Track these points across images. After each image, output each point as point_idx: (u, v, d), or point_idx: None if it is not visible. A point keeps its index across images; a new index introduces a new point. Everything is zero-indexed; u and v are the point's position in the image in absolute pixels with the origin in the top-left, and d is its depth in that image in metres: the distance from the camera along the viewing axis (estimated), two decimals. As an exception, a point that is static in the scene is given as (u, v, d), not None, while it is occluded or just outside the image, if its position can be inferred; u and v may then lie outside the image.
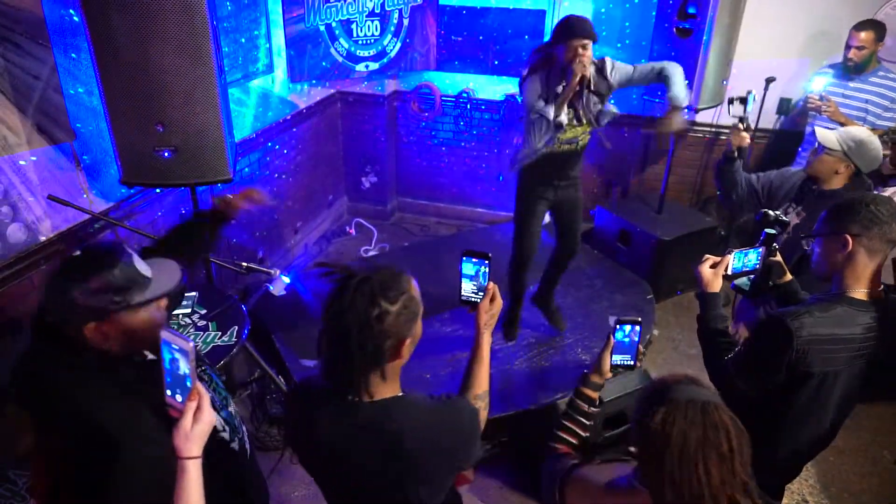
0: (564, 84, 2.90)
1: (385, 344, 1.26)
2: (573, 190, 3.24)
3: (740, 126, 2.81)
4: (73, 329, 1.33)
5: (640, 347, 1.68)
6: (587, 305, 4.00)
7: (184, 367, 1.19)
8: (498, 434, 3.10)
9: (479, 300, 1.59)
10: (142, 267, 1.38)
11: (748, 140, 2.79)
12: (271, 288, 3.21)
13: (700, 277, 1.95)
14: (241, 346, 2.51)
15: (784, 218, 2.24)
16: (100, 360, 1.36)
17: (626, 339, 1.66)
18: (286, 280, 2.95)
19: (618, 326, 1.64)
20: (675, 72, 2.95)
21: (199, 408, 1.22)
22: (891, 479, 3.05)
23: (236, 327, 2.54)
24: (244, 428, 1.70)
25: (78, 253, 1.35)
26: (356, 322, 1.23)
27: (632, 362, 1.67)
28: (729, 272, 1.97)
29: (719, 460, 1.08)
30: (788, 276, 2.10)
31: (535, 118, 2.94)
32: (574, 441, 1.61)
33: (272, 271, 2.87)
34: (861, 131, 2.43)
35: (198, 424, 1.21)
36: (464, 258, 1.59)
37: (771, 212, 2.23)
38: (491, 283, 1.59)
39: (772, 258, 2.07)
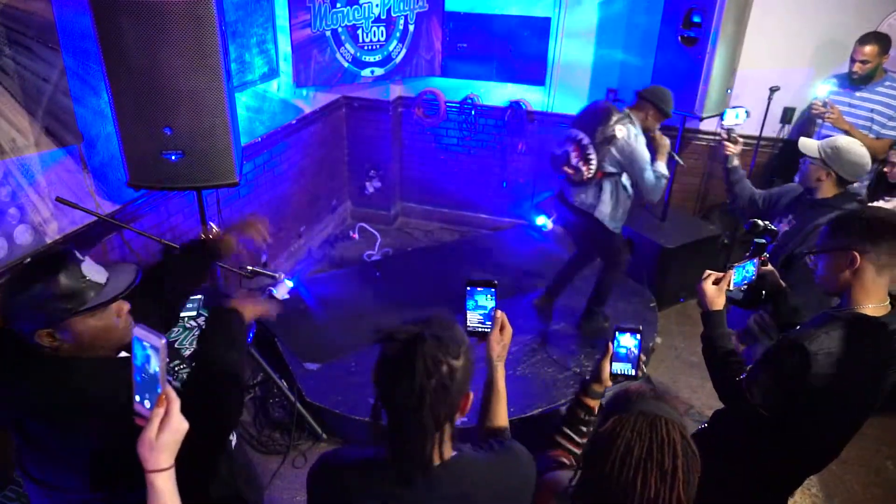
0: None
1: (457, 402, 1.18)
2: None
3: (723, 134, 3.03)
4: (26, 336, 1.33)
5: (641, 356, 1.66)
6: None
7: (154, 365, 1.09)
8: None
9: (488, 330, 1.51)
10: (93, 272, 1.36)
11: (733, 148, 2.95)
12: (275, 292, 3.22)
13: (703, 295, 1.91)
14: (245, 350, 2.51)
15: (772, 227, 2.25)
16: (56, 362, 1.36)
17: (625, 348, 1.63)
18: (290, 284, 2.96)
19: (616, 334, 1.62)
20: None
21: (167, 414, 1.10)
22: (894, 489, 3.04)
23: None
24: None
25: (28, 261, 1.35)
26: (431, 387, 1.12)
27: (633, 371, 1.64)
28: (731, 287, 1.95)
29: (660, 476, 1.06)
30: (782, 284, 2.10)
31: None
32: (571, 447, 1.61)
33: (277, 275, 2.88)
34: (842, 139, 2.45)
35: (164, 433, 1.09)
36: (469, 288, 1.51)
37: (760, 221, 2.24)
38: (499, 312, 1.52)
39: (763, 267, 2.07)
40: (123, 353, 1.48)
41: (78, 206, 2.57)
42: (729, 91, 4.01)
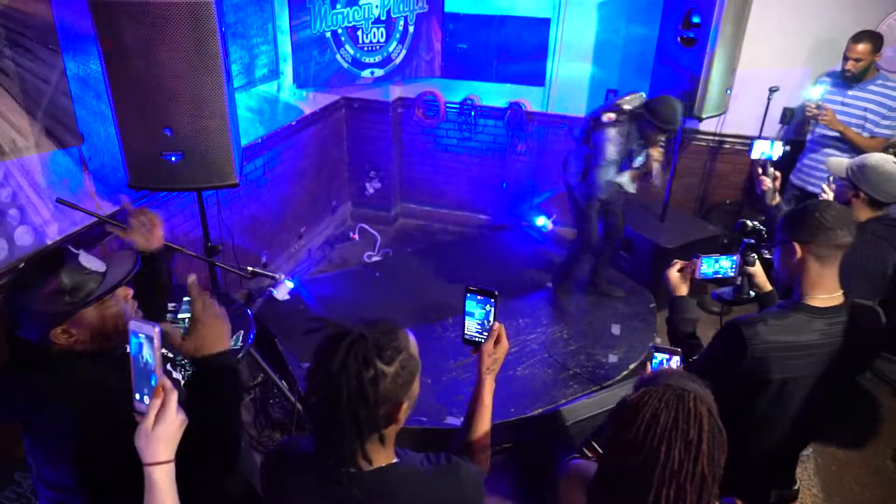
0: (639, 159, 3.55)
1: (380, 410, 1.14)
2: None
3: (758, 169, 2.71)
4: (41, 337, 1.34)
5: None
6: (590, 313, 4.01)
7: (147, 355, 1.08)
8: (501, 441, 3.10)
9: (482, 341, 1.48)
10: (91, 263, 1.39)
11: (770, 183, 2.64)
12: (275, 292, 3.22)
13: (668, 282, 2.01)
14: (246, 351, 2.52)
15: (760, 227, 2.24)
16: (66, 363, 1.36)
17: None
18: (290, 285, 2.97)
19: (654, 355, 1.58)
20: None
21: (164, 405, 1.09)
22: (894, 489, 3.05)
23: (242, 331, 2.55)
24: None
25: (23, 265, 1.36)
26: (348, 387, 1.10)
27: None
28: (697, 276, 2.01)
29: (684, 447, 1.06)
30: (769, 287, 2.11)
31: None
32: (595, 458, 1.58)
33: (277, 276, 2.88)
34: (873, 157, 2.29)
35: (161, 425, 1.07)
36: (468, 295, 1.47)
37: (749, 222, 2.24)
38: (497, 324, 1.48)
39: (749, 267, 2.09)
40: None
41: (78, 207, 2.56)
42: (728, 91, 4.01)
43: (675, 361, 1.60)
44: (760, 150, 2.84)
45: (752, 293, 2.14)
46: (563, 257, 4.15)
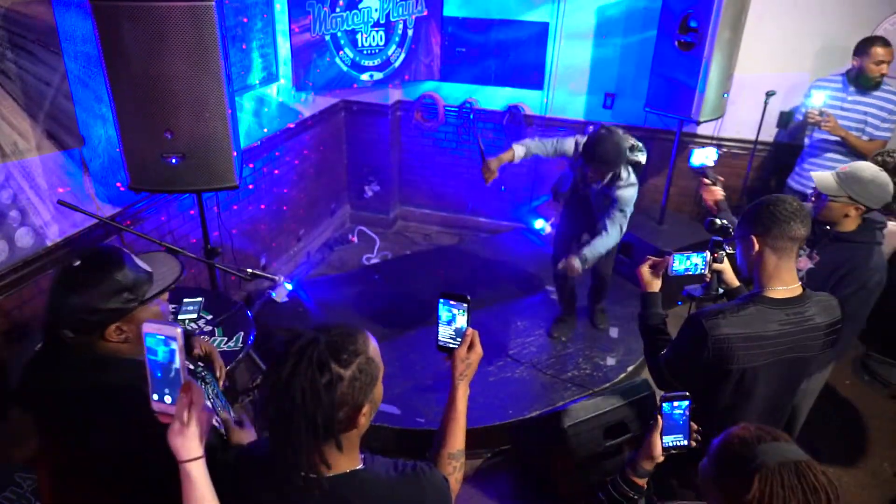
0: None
1: (337, 414, 1.11)
2: None
3: (706, 180, 2.63)
4: (96, 334, 1.35)
5: (692, 424, 1.57)
6: (588, 316, 4.01)
7: (170, 356, 1.09)
8: (499, 443, 3.11)
9: (456, 346, 1.46)
10: (142, 264, 1.43)
11: (720, 193, 2.60)
12: (274, 295, 3.22)
13: (640, 278, 2.06)
14: (245, 352, 2.52)
15: (727, 224, 2.26)
16: (108, 363, 1.38)
17: (675, 416, 1.54)
18: (289, 287, 2.97)
19: (663, 404, 1.54)
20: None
21: (192, 403, 1.10)
22: (891, 491, 3.06)
23: (242, 333, 2.56)
24: None
25: (78, 262, 1.36)
26: (301, 392, 1.07)
27: (685, 441, 1.56)
28: (669, 273, 2.04)
29: None
30: (736, 283, 2.16)
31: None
32: None
33: (276, 278, 2.89)
34: (862, 170, 2.25)
35: (193, 421, 1.10)
36: (441, 301, 1.45)
37: (717, 220, 2.28)
38: (470, 329, 1.45)
39: (718, 264, 2.13)
40: None
41: (79, 209, 2.58)
42: (725, 95, 4.04)
43: (686, 406, 1.54)
44: (701, 159, 2.63)
45: (721, 289, 2.17)
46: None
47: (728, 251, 2.16)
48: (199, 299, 2.71)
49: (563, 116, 4.83)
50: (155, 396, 1.13)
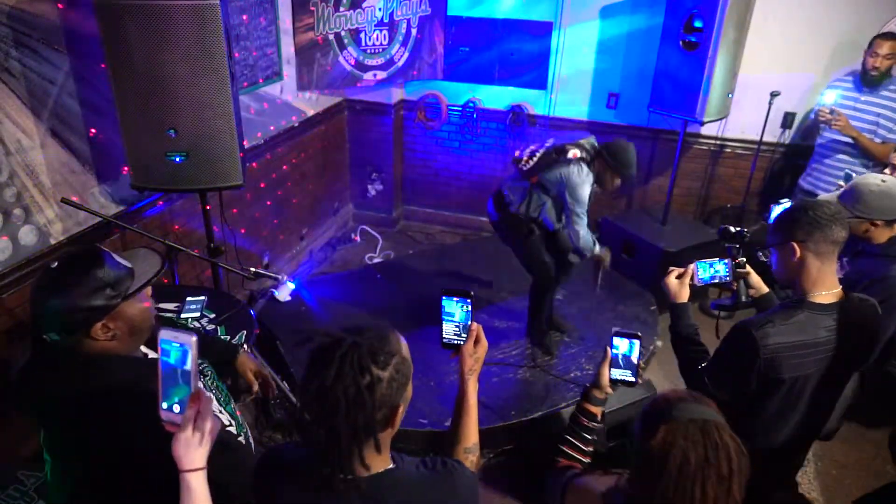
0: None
1: (378, 416, 1.13)
2: None
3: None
4: (82, 333, 1.34)
5: (640, 363, 1.65)
6: (591, 316, 4.01)
7: (187, 363, 1.09)
8: (503, 443, 3.11)
9: (462, 343, 1.47)
10: (122, 260, 1.42)
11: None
12: (277, 293, 3.23)
13: (668, 289, 2.00)
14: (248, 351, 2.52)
15: (741, 231, 2.21)
16: (99, 363, 1.37)
17: (623, 354, 1.62)
18: (291, 286, 2.97)
19: (613, 339, 1.62)
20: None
21: (200, 413, 1.11)
22: (894, 494, 3.05)
23: (245, 331, 2.56)
24: (246, 426, 1.72)
25: (56, 264, 1.35)
26: (345, 396, 1.09)
27: (632, 378, 1.64)
28: (696, 282, 2.00)
29: (718, 481, 1.07)
30: (765, 289, 2.11)
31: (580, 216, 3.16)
32: (577, 455, 1.60)
33: (279, 276, 2.89)
34: (861, 184, 2.19)
35: (199, 432, 1.10)
36: (443, 297, 1.46)
37: (731, 228, 2.23)
38: (474, 324, 1.48)
39: (740, 270, 2.09)
40: (150, 353, 1.52)
41: (83, 207, 2.58)
42: (730, 95, 4.03)
43: (636, 346, 1.62)
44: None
45: (750, 297, 2.13)
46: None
47: (760, 258, 2.13)
48: (202, 298, 2.71)
49: (566, 116, 4.82)
50: (164, 405, 1.12)
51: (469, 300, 1.45)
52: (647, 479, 1.11)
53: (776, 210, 2.35)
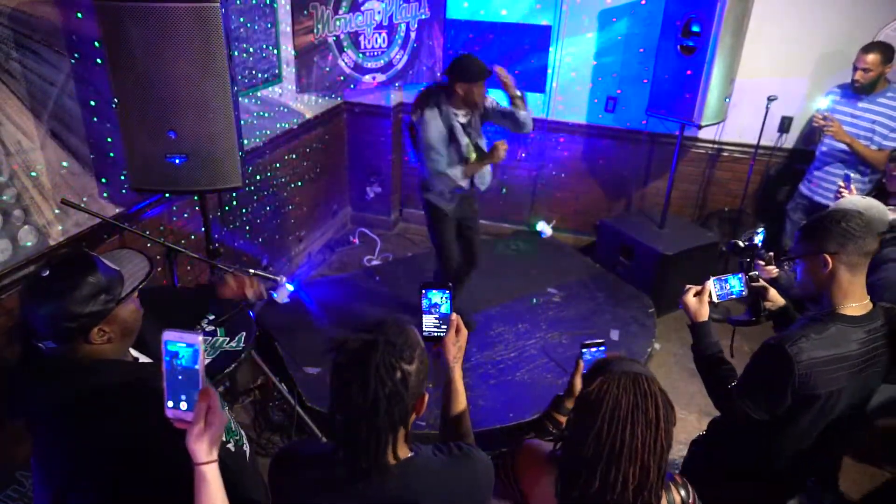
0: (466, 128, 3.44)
1: (410, 406, 1.21)
2: (472, 202, 3.64)
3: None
4: (80, 339, 1.34)
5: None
6: (589, 319, 4.03)
7: (191, 363, 1.13)
8: (499, 445, 3.11)
9: (443, 334, 1.53)
10: (111, 264, 1.43)
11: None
12: (275, 295, 3.22)
13: (687, 308, 1.94)
14: (246, 352, 2.53)
15: (750, 244, 2.20)
16: (96, 367, 1.37)
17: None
18: (290, 288, 2.97)
19: (583, 350, 1.68)
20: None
21: (210, 407, 1.15)
22: (893, 496, 3.05)
23: (244, 333, 2.57)
24: (241, 430, 1.72)
25: (48, 271, 1.35)
26: (385, 395, 1.15)
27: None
28: (714, 299, 1.95)
29: (646, 425, 1.16)
30: (781, 301, 2.08)
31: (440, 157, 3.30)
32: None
33: (277, 278, 2.89)
34: (839, 211, 2.13)
35: (212, 426, 1.14)
36: (425, 291, 1.53)
37: (740, 241, 2.21)
38: (454, 315, 1.53)
39: (754, 283, 2.06)
40: (139, 356, 1.52)
41: (82, 208, 2.58)
42: (727, 99, 4.04)
43: (602, 352, 1.67)
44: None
45: (766, 311, 2.08)
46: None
47: (786, 269, 2.10)
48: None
49: (564, 120, 4.84)
50: (170, 403, 1.15)
51: (448, 291, 1.53)
52: (583, 422, 1.20)
53: (757, 238, 2.29)
